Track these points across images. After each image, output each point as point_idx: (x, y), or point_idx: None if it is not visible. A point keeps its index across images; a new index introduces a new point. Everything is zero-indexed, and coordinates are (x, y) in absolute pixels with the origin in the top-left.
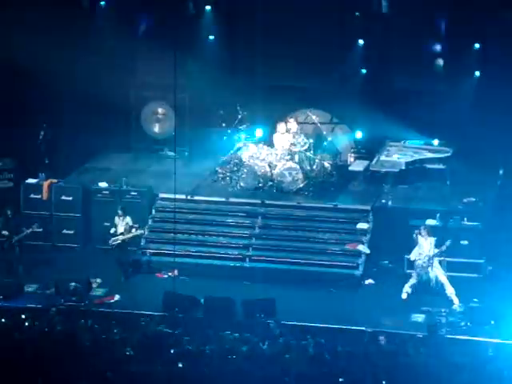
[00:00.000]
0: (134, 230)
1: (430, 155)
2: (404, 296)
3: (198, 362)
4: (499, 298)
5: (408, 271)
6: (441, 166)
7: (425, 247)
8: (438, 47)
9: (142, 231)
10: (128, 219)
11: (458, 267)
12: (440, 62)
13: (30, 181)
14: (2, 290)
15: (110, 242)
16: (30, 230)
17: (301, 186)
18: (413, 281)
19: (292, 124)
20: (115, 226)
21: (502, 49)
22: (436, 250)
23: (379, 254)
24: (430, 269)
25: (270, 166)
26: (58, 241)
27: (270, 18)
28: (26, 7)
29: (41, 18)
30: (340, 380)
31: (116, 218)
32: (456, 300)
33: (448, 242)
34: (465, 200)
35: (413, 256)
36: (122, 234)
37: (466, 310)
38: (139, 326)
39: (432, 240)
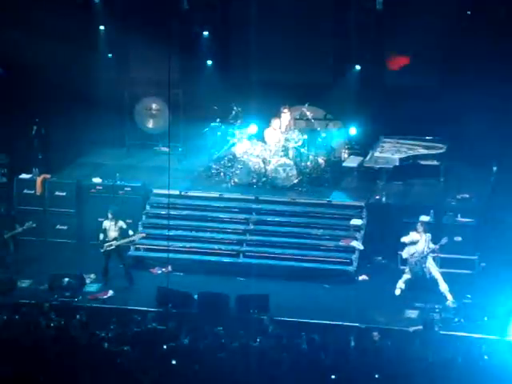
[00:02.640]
0: (130, 231)
1: (424, 152)
2: (397, 292)
3: (191, 359)
4: (492, 295)
5: (402, 267)
6: (435, 163)
7: (419, 244)
8: (431, 43)
9: (144, 234)
10: (121, 223)
11: (451, 263)
12: (433, 57)
13: (24, 176)
14: None
15: (104, 248)
16: (24, 227)
17: (295, 182)
18: (406, 277)
19: (286, 114)
20: (104, 231)
21: (495, 45)
22: (432, 246)
23: (373, 249)
24: (423, 265)
25: (264, 162)
26: (51, 236)
27: (265, 12)
28: (18, 3)
29: (34, 14)
30: (333, 376)
31: (106, 222)
32: (449, 296)
33: (444, 240)
34: (458, 196)
35: (405, 253)
36: (115, 239)
37: (460, 306)
38: (133, 321)
39: (427, 237)
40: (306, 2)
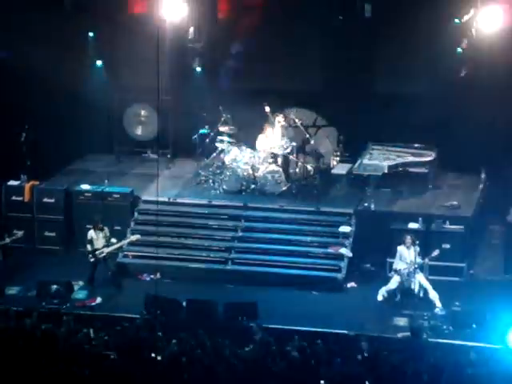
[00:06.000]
0: (113, 239)
1: (412, 159)
2: (379, 298)
3: (179, 366)
4: (481, 302)
5: (390, 274)
6: (423, 170)
7: (407, 256)
8: (419, 50)
9: (139, 236)
10: (106, 230)
11: (439, 271)
12: (422, 64)
13: (12, 183)
14: None
15: (97, 256)
16: (12, 237)
17: (283, 189)
18: (391, 286)
19: (280, 118)
20: (90, 242)
21: (481, 51)
22: (419, 260)
23: (361, 257)
24: (414, 276)
25: (252, 169)
26: (39, 243)
27: (254, 19)
28: (7, 7)
29: (23, 18)
30: (321, 383)
31: (91, 232)
32: (438, 304)
33: (435, 253)
34: (447, 204)
35: (399, 266)
36: (105, 246)
37: (448, 313)
38: (121, 328)
39: (415, 249)
40: (296, 8)
